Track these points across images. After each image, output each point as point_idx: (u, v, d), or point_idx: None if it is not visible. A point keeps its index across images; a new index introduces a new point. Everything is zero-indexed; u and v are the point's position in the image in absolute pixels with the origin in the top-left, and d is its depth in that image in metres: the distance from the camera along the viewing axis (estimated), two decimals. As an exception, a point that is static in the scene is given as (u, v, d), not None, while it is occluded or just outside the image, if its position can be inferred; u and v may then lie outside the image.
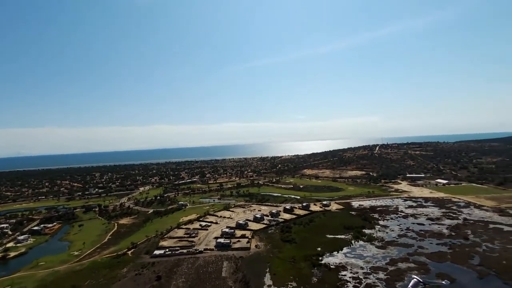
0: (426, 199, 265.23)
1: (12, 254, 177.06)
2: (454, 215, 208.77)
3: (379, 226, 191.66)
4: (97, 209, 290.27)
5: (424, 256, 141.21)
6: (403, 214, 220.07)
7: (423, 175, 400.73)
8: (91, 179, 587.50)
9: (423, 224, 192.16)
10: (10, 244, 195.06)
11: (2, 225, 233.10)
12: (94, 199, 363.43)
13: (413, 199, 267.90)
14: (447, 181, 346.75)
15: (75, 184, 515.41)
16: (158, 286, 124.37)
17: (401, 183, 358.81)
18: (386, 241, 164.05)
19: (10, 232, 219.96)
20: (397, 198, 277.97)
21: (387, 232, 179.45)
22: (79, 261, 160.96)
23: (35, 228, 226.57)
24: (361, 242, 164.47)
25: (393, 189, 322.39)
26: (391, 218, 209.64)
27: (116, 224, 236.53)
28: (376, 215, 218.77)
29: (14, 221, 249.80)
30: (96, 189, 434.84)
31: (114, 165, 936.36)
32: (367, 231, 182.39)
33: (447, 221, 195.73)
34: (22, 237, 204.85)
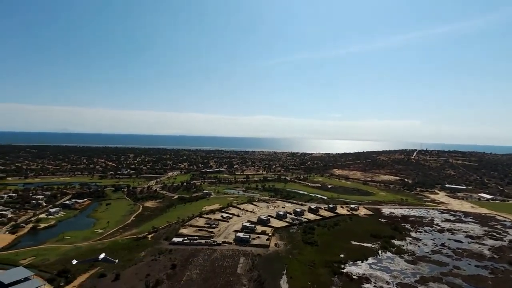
0: (466, 214, 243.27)
1: (43, 225, 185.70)
2: (498, 235, 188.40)
3: (410, 238, 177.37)
4: (125, 190, 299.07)
5: (460, 278, 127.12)
6: (438, 227, 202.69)
7: (464, 187, 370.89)
8: (125, 159, 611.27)
9: (461, 242, 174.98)
10: (43, 216, 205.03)
11: (38, 196, 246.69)
12: (124, 179, 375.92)
13: (451, 213, 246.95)
14: (491, 196, 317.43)
15: (110, 163, 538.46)
16: (172, 274, 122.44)
17: (438, 194, 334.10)
18: (417, 256, 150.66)
19: (44, 204, 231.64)
20: (433, 209, 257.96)
21: (419, 246, 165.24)
22: (101, 239, 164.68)
23: (67, 202, 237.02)
24: (388, 254, 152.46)
25: (429, 199, 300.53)
26: (425, 231, 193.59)
27: (141, 206, 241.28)
28: (408, 226, 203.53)
29: (49, 193, 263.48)
30: (128, 170, 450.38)
31: (148, 148, 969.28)
32: (396, 242, 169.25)
33: (490, 241, 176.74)
34: (54, 209, 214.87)
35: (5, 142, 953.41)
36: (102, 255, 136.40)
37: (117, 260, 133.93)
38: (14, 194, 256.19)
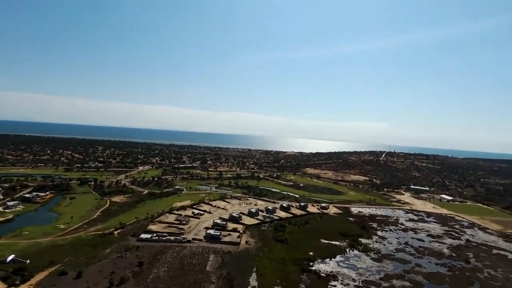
0: (429, 214, 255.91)
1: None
2: (457, 235, 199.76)
3: (376, 237, 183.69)
4: (92, 183, 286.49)
5: (421, 276, 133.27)
6: (403, 227, 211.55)
7: (427, 189, 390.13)
8: (93, 152, 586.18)
9: (423, 241, 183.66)
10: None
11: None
12: (92, 172, 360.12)
13: (415, 212, 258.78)
14: (452, 198, 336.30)
15: (76, 155, 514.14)
16: (138, 272, 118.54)
17: (404, 194, 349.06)
18: (382, 254, 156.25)
19: (1, 197, 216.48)
20: (398, 209, 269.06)
21: (384, 244, 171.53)
22: (63, 235, 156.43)
23: (27, 195, 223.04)
24: (356, 252, 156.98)
25: (395, 199, 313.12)
26: (390, 230, 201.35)
27: (108, 201, 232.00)
28: (374, 225, 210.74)
29: (7, 185, 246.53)
30: (96, 163, 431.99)
31: (118, 140, 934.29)
32: (363, 240, 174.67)
33: (449, 240, 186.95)
34: (12, 203, 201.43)
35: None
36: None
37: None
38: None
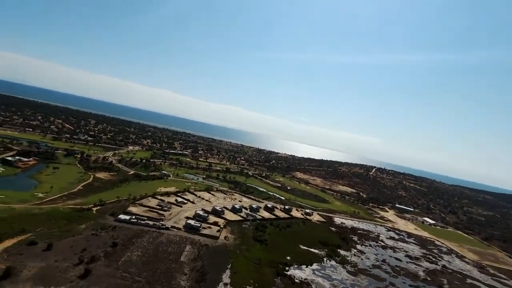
0: (409, 235, 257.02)
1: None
2: (434, 259, 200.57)
3: (355, 250, 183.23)
4: (78, 156, 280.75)
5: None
6: (382, 244, 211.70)
7: (412, 209, 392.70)
8: (85, 124, 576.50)
9: (401, 260, 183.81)
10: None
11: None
12: (80, 145, 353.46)
13: (397, 231, 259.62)
14: (434, 222, 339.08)
15: (67, 126, 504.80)
16: (111, 253, 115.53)
17: (388, 212, 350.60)
18: (358, 268, 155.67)
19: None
20: (381, 225, 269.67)
21: (362, 259, 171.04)
22: (40, 204, 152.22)
23: (9, 158, 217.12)
24: (333, 262, 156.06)
25: (379, 216, 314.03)
26: (370, 245, 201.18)
27: (92, 176, 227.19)
28: (355, 238, 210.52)
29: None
30: (86, 136, 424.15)
31: (112, 117, 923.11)
32: (342, 252, 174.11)
33: (425, 264, 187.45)
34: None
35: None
36: None
37: None
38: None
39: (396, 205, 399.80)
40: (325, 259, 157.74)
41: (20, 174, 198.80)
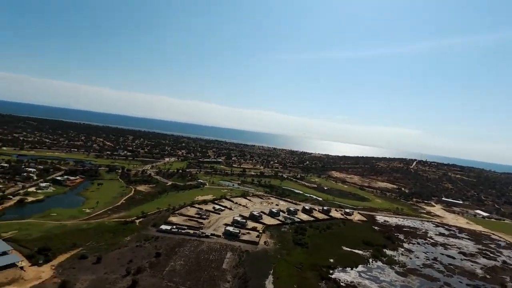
0: (461, 230, 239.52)
1: (30, 199, 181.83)
2: (492, 255, 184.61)
3: (402, 249, 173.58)
4: (120, 171, 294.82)
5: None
6: (432, 241, 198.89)
7: (460, 202, 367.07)
8: (123, 141, 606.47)
9: (454, 258, 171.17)
10: (32, 189, 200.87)
11: (30, 169, 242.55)
12: (120, 160, 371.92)
13: (446, 227, 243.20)
14: (488, 214, 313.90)
15: (107, 143, 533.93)
16: (155, 263, 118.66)
17: (434, 206, 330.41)
18: (408, 268, 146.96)
19: (35, 177, 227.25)
20: (427, 221, 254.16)
21: (410, 258, 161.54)
22: (88, 219, 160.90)
23: (58, 178, 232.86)
24: (379, 263, 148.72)
25: (424, 211, 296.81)
26: (418, 243, 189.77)
27: (133, 189, 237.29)
28: (401, 236, 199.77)
29: (42, 167, 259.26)
30: (125, 152, 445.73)
31: (148, 131, 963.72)
32: (388, 251, 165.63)
33: (483, 260, 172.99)
34: (44, 184, 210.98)
35: (8, 112, 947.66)
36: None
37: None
38: (6, 165, 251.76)
39: (443, 198, 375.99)
40: (370, 260, 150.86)
41: (69, 192, 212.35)
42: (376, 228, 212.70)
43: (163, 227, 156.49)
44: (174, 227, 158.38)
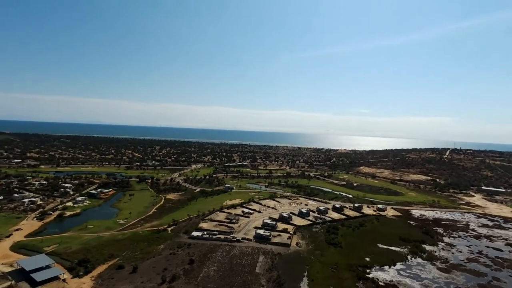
0: (506, 220, 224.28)
1: (68, 213, 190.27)
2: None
3: (443, 244, 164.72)
4: (149, 181, 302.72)
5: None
6: (474, 233, 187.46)
7: (503, 190, 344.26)
8: (151, 151, 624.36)
9: (501, 250, 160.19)
10: (69, 204, 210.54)
11: (67, 185, 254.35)
12: (149, 170, 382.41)
13: (489, 217, 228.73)
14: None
15: (136, 154, 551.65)
16: (189, 270, 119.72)
17: (474, 196, 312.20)
18: (451, 264, 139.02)
19: (71, 192, 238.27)
20: (468, 213, 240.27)
21: (453, 253, 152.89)
22: (122, 230, 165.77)
23: (93, 191, 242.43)
24: (419, 260, 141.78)
25: (463, 202, 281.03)
26: (459, 236, 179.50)
27: (163, 198, 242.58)
28: (440, 230, 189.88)
29: (77, 182, 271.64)
30: (153, 162, 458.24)
31: (174, 140, 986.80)
32: (427, 247, 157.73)
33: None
34: (80, 198, 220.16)
35: (43, 131, 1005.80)
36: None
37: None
38: (45, 182, 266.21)
39: (483, 187, 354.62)
40: (409, 257, 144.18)
41: (103, 204, 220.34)
42: (412, 223, 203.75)
43: (195, 233, 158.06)
44: (205, 233, 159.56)
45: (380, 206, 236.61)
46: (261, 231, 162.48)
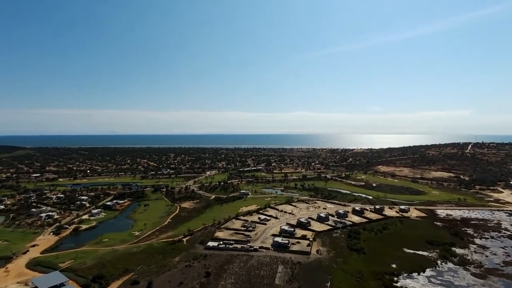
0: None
1: (84, 226, 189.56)
2: None
3: (475, 246, 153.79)
4: (164, 190, 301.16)
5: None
6: (508, 233, 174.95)
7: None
8: (166, 159, 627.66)
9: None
10: (85, 217, 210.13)
11: (83, 197, 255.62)
12: (164, 179, 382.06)
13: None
14: None
15: (151, 163, 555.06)
16: (206, 283, 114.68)
17: (502, 192, 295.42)
18: (486, 268, 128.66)
19: (87, 205, 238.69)
20: (498, 210, 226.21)
21: (486, 256, 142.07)
22: (137, 242, 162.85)
23: (108, 203, 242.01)
24: (450, 265, 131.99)
25: (491, 199, 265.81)
26: (492, 237, 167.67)
27: (178, 207, 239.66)
28: (470, 230, 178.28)
29: (93, 194, 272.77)
30: (168, 170, 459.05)
31: (188, 147, 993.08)
32: (458, 250, 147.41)
33: None
34: (95, 210, 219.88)
35: (62, 145, 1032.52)
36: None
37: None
38: (62, 195, 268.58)
39: (511, 182, 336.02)
40: (439, 261, 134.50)
41: (119, 216, 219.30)
42: (438, 224, 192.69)
43: (210, 243, 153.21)
44: (221, 242, 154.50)
45: (402, 207, 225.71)
46: (279, 239, 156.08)
